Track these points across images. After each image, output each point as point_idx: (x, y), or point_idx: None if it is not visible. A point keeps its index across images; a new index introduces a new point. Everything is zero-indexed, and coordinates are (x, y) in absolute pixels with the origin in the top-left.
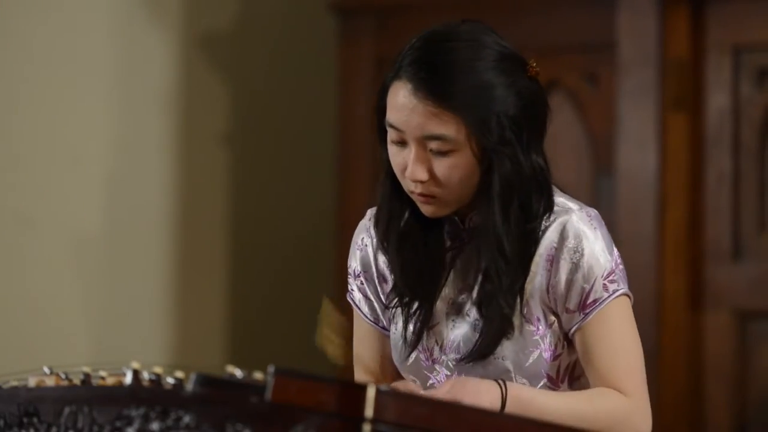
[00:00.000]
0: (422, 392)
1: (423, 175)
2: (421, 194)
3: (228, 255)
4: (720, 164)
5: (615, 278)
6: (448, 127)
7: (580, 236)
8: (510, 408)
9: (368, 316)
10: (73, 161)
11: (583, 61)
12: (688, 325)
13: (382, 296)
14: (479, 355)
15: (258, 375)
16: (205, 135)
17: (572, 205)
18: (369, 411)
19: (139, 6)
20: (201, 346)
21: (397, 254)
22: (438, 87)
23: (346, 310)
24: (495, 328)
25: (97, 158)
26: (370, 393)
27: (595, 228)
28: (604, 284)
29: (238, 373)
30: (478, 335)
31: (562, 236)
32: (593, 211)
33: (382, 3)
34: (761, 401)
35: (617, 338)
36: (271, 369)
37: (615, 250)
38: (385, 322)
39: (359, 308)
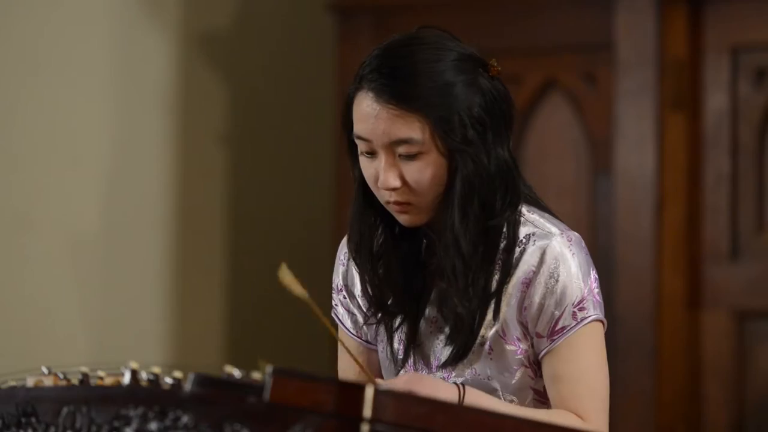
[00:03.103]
0: (380, 382)
1: (395, 182)
2: (396, 203)
3: (226, 255)
4: (718, 164)
5: (585, 305)
6: (412, 129)
7: (558, 262)
8: None
9: (351, 330)
10: (71, 161)
11: (581, 61)
12: (686, 325)
13: (364, 309)
14: (452, 360)
15: (256, 375)
16: (204, 135)
17: (553, 228)
18: (367, 411)
19: (137, 6)
20: (199, 346)
21: (372, 272)
22: (399, 90)
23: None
24: (452, 328)
25: (96, 158)
26: (368, 393)
27: (573, 254)
28: (574, 312)
29: (237, 373)
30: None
31: (541, 260)
32: (574, 236)
33: (380, 2)
34: (759, 401)
35: (581, 364)
36: (269, 369)
37: (593, 275)
38: (368, 337)
39: (342, 323)
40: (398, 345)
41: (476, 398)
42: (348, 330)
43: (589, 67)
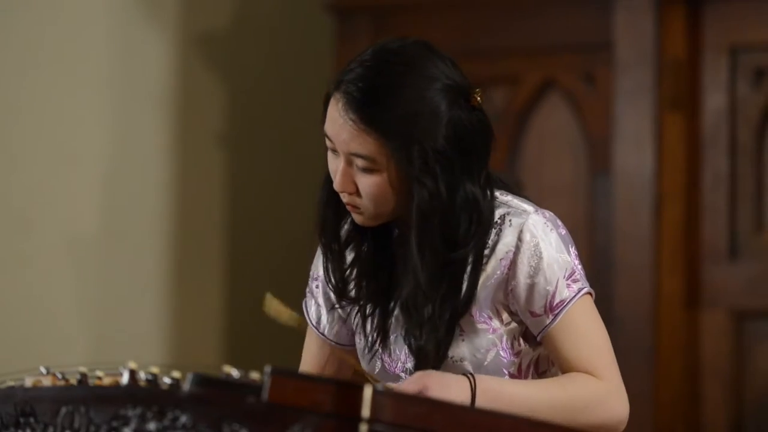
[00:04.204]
0: (390, 385)
1: (348, 187)
2: (348, 204)
3: (225, 255)
4: (716, 164)
5: (577, 277)
6: (370, 149)
7: (537, 239)
8: (480, 400)
9: (312, 320)
10: (70, 161)
11: (579, 60)
12: (684, 325)
13: (333, 301)
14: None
15: (255, 375)
16: (202, 135)
17: (527, 207)
18: (366, 411)
19: (136, 6)
20: (198, 346)
21: (338, 258)
22: (366, 110)
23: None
24: (417, 360)
25: (95, 158)
26: (367, 393)
27: (551, 229)
28: (568, 284)
29: (235, 373)
30: None
31: (520, 239)
32: (548, 213)
33: (378, 2)
34: (758, 401)
35: (585, 331)
36: (267, 369)
37: (573, 249)
38: (325, 331)
39: (307, 311)
40: (370, 333)
41: (488, 384)
42: (310, 320)
43: (588, 67)
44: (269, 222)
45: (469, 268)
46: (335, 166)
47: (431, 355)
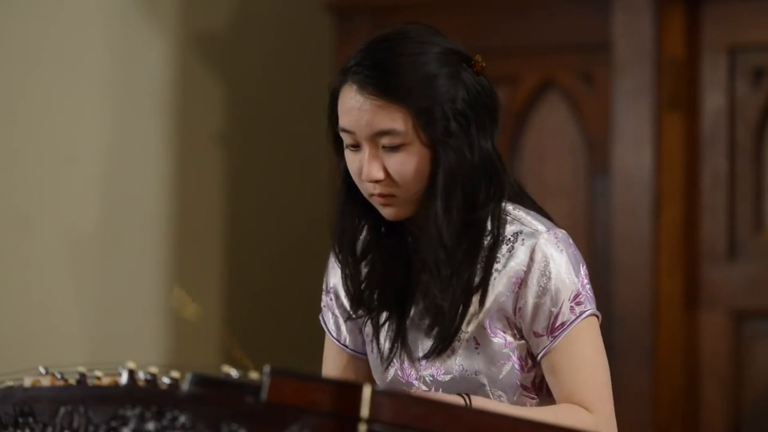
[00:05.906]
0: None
1: (378, 174)
2: (380, 195)
3: (223, 254)
4: (715, 164)
5: (582, 300)
6: (395, 120)
7: (548, 259)
8: None
9: (333, 333)
10: (69, 161)
11: (578, 60)
12: (683, 325)
13: (351, 312)
14: (433, 352)
15: (253, 375)
16: (201, 135)
17: (540, 226)
18: (365, 411)
19: (135, 6)
20: (197, 346)
21: (354, 269)
22: (381, 81)
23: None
24: (432, 320)
25: (93, 158)
26: (366, 393)
27: (561, 250)
28: (572, 306)
29: (234, 373)
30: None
31: (531, 259)
32: (561, 232)
33: (377, 3)
34: (756, 401)
35: (583, 357)
36: (266, 369)
37: (583, 269)
38: (347, 342)
39: (326, 324)
40: (384, 342)
41: (483, 406)
42: (330, 332)
43: (587, 67)
44: (268, 221)
45: (487, 241)
46: (357, 161)
47: (447, 314)
